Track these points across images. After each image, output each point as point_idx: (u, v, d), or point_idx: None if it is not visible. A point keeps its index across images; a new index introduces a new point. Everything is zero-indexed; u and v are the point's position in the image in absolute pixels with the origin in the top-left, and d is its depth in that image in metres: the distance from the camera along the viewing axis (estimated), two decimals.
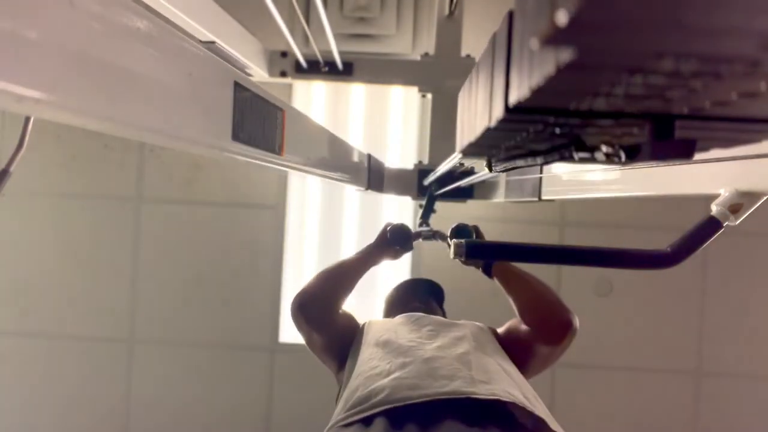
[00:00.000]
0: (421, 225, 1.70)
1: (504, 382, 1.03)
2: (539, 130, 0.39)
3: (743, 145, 0.40)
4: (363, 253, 1.51)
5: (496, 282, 1.40)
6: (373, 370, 1.06)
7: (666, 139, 0.33)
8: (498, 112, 0.35)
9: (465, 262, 1.44)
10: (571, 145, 0.40)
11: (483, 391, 0.96)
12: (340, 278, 1.41)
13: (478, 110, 0.43)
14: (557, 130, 0.38)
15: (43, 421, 2.44)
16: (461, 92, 0.54)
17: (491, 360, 1.13)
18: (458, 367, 1.04)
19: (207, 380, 2.41)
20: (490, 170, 0.64)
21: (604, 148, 0.38)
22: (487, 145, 0.48)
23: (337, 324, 1.34)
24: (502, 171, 0.61)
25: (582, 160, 0.41)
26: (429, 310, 1.53)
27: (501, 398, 0.94)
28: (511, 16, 0.34)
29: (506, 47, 0.33)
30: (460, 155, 0.57)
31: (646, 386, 2.38)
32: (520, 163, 0.54)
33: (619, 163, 0.36)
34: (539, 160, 0.49)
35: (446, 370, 1.03)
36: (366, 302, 2.29)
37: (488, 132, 0.39)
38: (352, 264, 1.47)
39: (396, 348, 1.14)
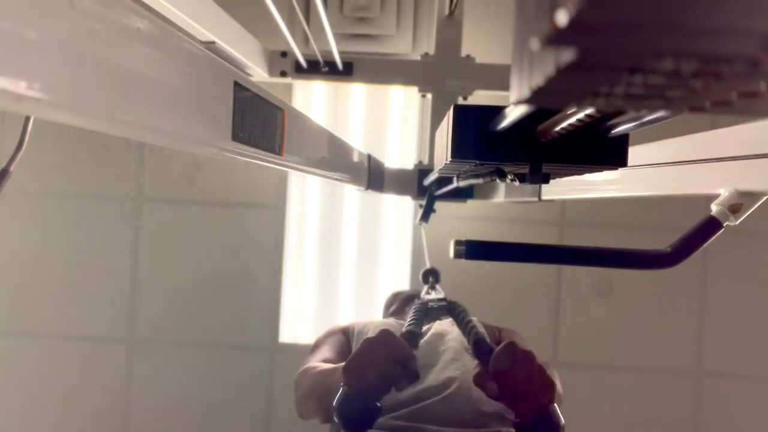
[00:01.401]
0: (420, 224, 1.70)
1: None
2: (474, 165, 0.68)
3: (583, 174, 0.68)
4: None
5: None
6: None
7: (538, 172, 0.61)
8: (448, 158, 0.63)
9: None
10: (495, 173, 0.69)
11: None
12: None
13: (441, 151, 0.73)
14: (484, 167, 0.69)
15: (42, 422, 2.44)
16: (437, 132, 0.82)
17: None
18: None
19: (207, 380, 2.41)
20: (457, 183, 0.92)
21: (510, 176, 0.69)
22: (452, 169, 0.81)
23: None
24: (464, 185, 0.91)
25: (501, 180, 0.71)
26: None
27: None
28: (454, 108, 0.61)
29: (451, 128, 0.61)
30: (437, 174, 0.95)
31: (646, 386, 2.38)
32: (472, 180, 0.83)
33: (518, 183, 0.69)
34: (482, 180, 0.78)
35: None
36: (364, 302, 2.30)
37: (447, 164, 0.67)
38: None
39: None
